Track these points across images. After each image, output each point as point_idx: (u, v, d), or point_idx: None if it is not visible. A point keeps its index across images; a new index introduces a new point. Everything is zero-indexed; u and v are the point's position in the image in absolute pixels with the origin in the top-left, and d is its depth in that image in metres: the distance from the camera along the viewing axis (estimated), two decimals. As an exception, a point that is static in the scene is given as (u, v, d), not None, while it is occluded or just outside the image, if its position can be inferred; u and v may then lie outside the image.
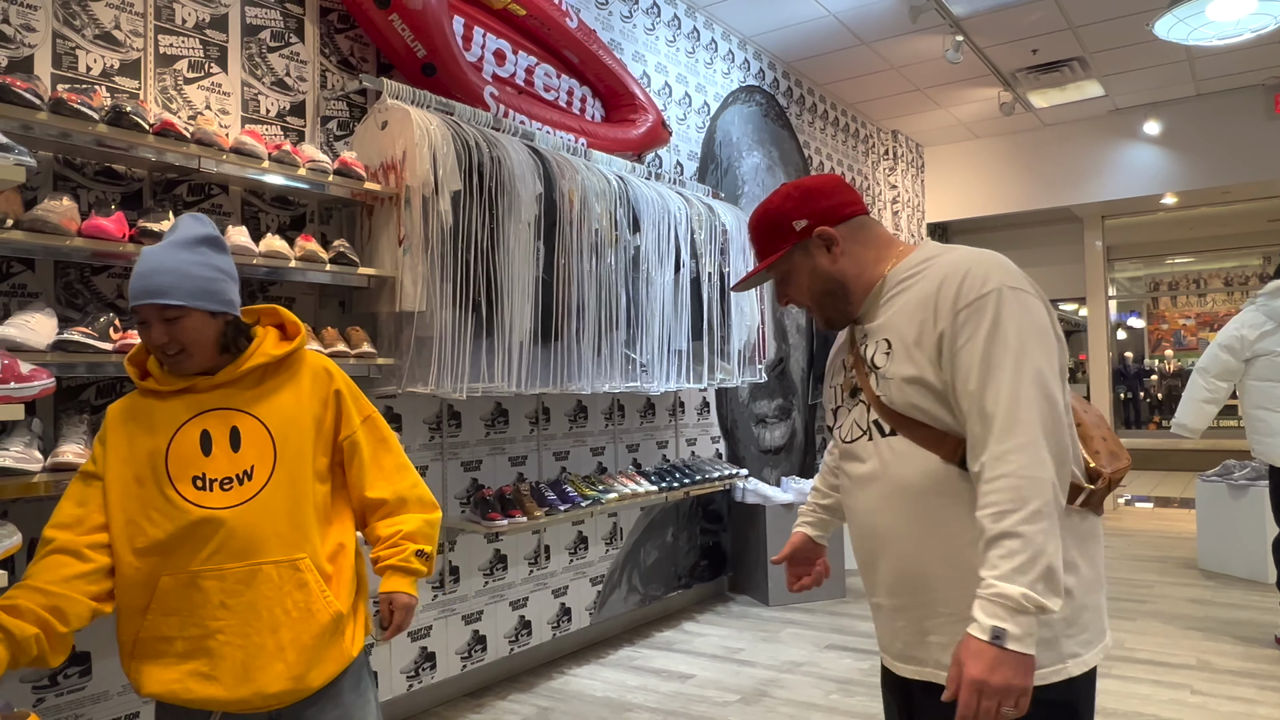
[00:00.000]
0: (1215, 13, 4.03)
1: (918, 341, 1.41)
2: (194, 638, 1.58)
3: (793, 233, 1.54)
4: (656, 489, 4.46)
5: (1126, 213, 9.52)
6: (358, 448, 1.75)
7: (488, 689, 3.89)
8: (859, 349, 1.54)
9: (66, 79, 2.64)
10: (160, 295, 1.56)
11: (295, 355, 1.75)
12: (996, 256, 1.43)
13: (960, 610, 1.39)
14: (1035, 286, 1.41)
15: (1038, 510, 1.27)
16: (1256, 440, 4.18)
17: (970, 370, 1.35)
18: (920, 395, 1.41)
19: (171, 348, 1.59)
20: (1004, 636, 1.25)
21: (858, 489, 1.53)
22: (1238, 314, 4.29)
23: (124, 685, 2.70)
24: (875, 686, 3.79)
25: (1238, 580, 5.55)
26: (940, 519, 1.41)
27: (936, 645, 1.44)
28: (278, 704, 1.59)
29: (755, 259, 1.63)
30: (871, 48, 6.29)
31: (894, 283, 1.50)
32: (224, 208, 3.03)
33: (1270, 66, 7.04)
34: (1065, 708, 1.39)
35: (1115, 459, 1.49)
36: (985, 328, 1.35)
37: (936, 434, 1.41)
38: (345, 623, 1.69)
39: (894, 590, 1.49)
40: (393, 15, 3.35)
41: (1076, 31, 6.17)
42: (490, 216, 3.32)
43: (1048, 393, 1.33)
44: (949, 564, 1.41)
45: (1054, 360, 1.37)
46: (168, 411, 1.64)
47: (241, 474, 1.60)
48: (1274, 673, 3.83)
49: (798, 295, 1.59)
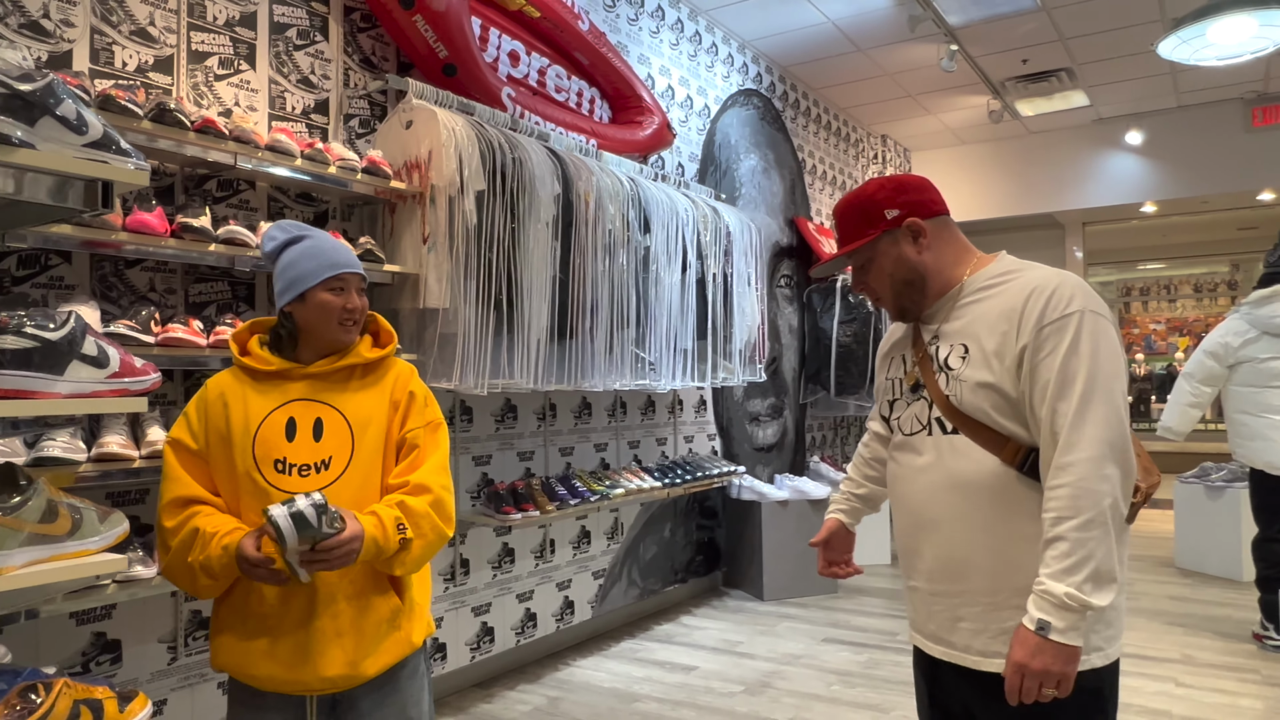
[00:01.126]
0: (1216, 35, 4.18)
1: (998, 351, 1.50)
2: (261, 616, 1.66)
3: (883, 220, 1.60)
4: (660, 485, 4.54)
5: (1107, 220, 9.75)
6: (414, 445, 1.80)
7: (496, 679, 3.96)
8: (927, 348, 1.62)
9: (104, 74, 2.67)
10: (359, 267, 1.81)
11: (385, 361, 1.85)
12: (1078, 279, 1.52)
13: (995, 601, 1.51)
14: (1110, 312, 1.51)
15: (1091, 519, 1.38)
16: (1238, 444, 4.34)
17: (1047, 384, 1.44)
18: (991, 401, 1.50)
19: (360, 314, 1.78)
20: (1047, 628, 1.38)
21: (911, 479, 1.62)
22: (1223, 321, 4.46)
23: (153, 672, 2.74)
24: (875, 679, 3.91)
25: (1214, 578, 5.74)
26: (990, 515, 1.51)
27: (967, 631, 1.55)
28: (333, 688, 1.67)
29: (839, 244, 1.69)
30: (867, 54, 6.42)
31: (972, 289, 1.59)
32: (251, 203, 3.07)
33: (1249, 81, 7.26)
34: (1094, 693, 1.51)
35: (1149, 474, 1.61)
36: (1066, 345, 1.44)
37: (999, 437, 1.50)
38: (403, 615, 1.76)
39: (934, 576, 1.60)
40: (416, 15, 3.41)
41: (1067, 43, 6.33)
42: (512, 216, 3.39)
43: (1117, 411, 1.43)
44: (992, 557, 1.52)
45: (1124, 383, 1.47)
46: (260, 395, 1.72)
47: (319, 463, 1.68)
48: (1253, 666, 3.99)
49: (878, 282, 1.65)
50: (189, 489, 1.65)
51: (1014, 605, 1.49)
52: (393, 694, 1.76)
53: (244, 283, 3.02)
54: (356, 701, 1.73)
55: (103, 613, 2.61)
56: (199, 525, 1.61)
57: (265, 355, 1.76)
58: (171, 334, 2.44)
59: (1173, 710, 3.49)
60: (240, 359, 1.76)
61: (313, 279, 1.73)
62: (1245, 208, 9.50)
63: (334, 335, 1.76)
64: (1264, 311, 4.22)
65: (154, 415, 2.51)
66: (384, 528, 1.65)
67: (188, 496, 1.65)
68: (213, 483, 1.69)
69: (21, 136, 1.17)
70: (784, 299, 6.53)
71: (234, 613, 1.68)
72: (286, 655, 1.64)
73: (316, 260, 1.75)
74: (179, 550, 1.60)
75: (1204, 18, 4.13)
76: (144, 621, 2.71)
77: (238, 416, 1.69)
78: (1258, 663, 4.04)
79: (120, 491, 2.64)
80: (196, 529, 1.60)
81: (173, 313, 2.76)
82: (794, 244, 6.70)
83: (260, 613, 1.65)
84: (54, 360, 1.28)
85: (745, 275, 5.01)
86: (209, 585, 1.63)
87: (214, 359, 2.61)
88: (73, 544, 1.33)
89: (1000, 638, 1.51)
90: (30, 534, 1.25)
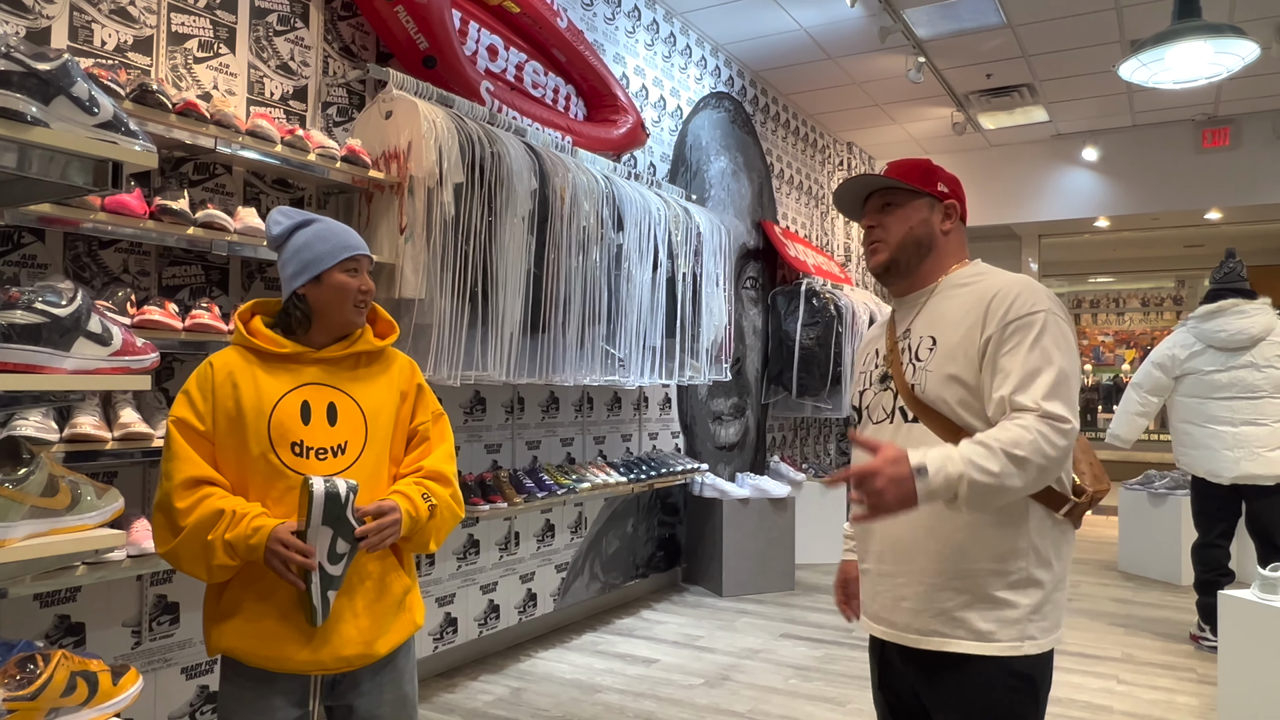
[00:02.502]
0: (1174, 60, 4.35)
1: (964, 344, 1.59)
2: (277, 597, 1.66)
3: (934, 188, 1.73)
4: (625, 480, 4.60)
5: (1061, 233, 10.01)
6: (424, 437, 1.88)
7: (459, 670, 3.98)
8: (899, 341, 1.72)
9: (82, 53, 2.65)
10: (369, 250, 1.84)
11: (388, 350, 1.89)
12: (1043, 285, 1.63)
13: (936, 583, 1.59)
14: (1070, 317, 1.61)
15: (1023, 458, 1.43)
16: (1181, 452, 4.52)
17: (1009, 375, 1.52)
18: (952, 392, 1.59)
19: (371, 295, 1.81)
20: (923, 473, 1.41)
21: None
22: (1170, 334, 4.64)
23: (116, 656, 2.72)
24: (831, 673, 4.00)
25: (1154, 582, 5.96)
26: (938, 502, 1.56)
27: (908, 610, 1.62)
28: (348, 666, 1.69)
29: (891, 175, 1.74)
30: (837, 62, 6.53)
31: (948, 285, 1.70)
32: (227, 187, 3.06)
33: (1200, 104, 7.53)
34: (1026, 679, 1.58)
35: (1098, 481, 1.70)
36: (1029, 341, 1.53)
37: (952, 426, 1.59)
38: (411, 596, 1.81)
39: (881, 556, 1.68)
40: (398, 6, 3.41)
41: (1029, 60, 6.51)
42: (489, 209, 3.41)
43: (1071, 402, 1.52)
44: (935, 541, 1.59)
45: (1078, 382, 1.57)
46: (271, 376, 1.72)
47: (336, 447, 1.70)
48: (1190, 665, 4.17)
49: (895, 226, 1.72)
50: (200, 469, 1.64)
51: (953, 588, 1.57)
52: (391, 672, 1.79)
53: (218, 267, 3.01)
54: (359, 679, 1.75)
55: (68, 595, 2.59)
56: (221, 505, 1.60)
57: (275, 337, 1.75)
58: (148, 316, 2.43)
59: (1114, 706, 3.63)
60: (249, 339, 1.75)
61: (329, 260, 1.75)
62: (1192, 226, 9.83)
63: (348, 317, 1.78)
64: (1209, 326, 4.39)
65: (126, 398, 2.50)
66: (412, 501, 1.73)
67: (200, 477, 1.63)
68: (216, 464, 1.68)
69: (36, 114, 1.19)
70: (749, 300, 6.62)
71: (245, 595, 1.66)
72: (304, 635, 1.65)
73: (330, 243, 1.77)
74: (195, 529, 1.58)
75: (1163, 42, 4.31)
76: (109, 605, 2.69)
77: (249, 397, 1.68)
78: (1194, 662, 4.22)
79: (89, 474, 2.61)
80: (220, 509, 1.59)
81: (146, 295, 2.74)
82: (760, 246, 6.80)
83: (277, 593, 1.66)
84: (61, 336, 1.29)
85: (714, 275, 5.08)
86: (224, 567, 1.61)
87: (189, 343, 2.60)
88: (71, 518, 1.34)
89: (940, 618, 1.58)
90: (32, 507, 1.26)
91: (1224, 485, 4.34)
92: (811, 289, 6.65)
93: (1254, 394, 4.27)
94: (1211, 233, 10.78)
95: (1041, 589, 1.57)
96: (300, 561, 1.58)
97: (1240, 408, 4.28)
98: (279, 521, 1.62)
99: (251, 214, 2.81)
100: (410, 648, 1.85)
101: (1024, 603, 1.55)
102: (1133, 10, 5.63)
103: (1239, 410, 4.28)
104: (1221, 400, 4.34)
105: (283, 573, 1.59)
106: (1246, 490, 4.30)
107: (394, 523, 1.68)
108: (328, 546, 1.60)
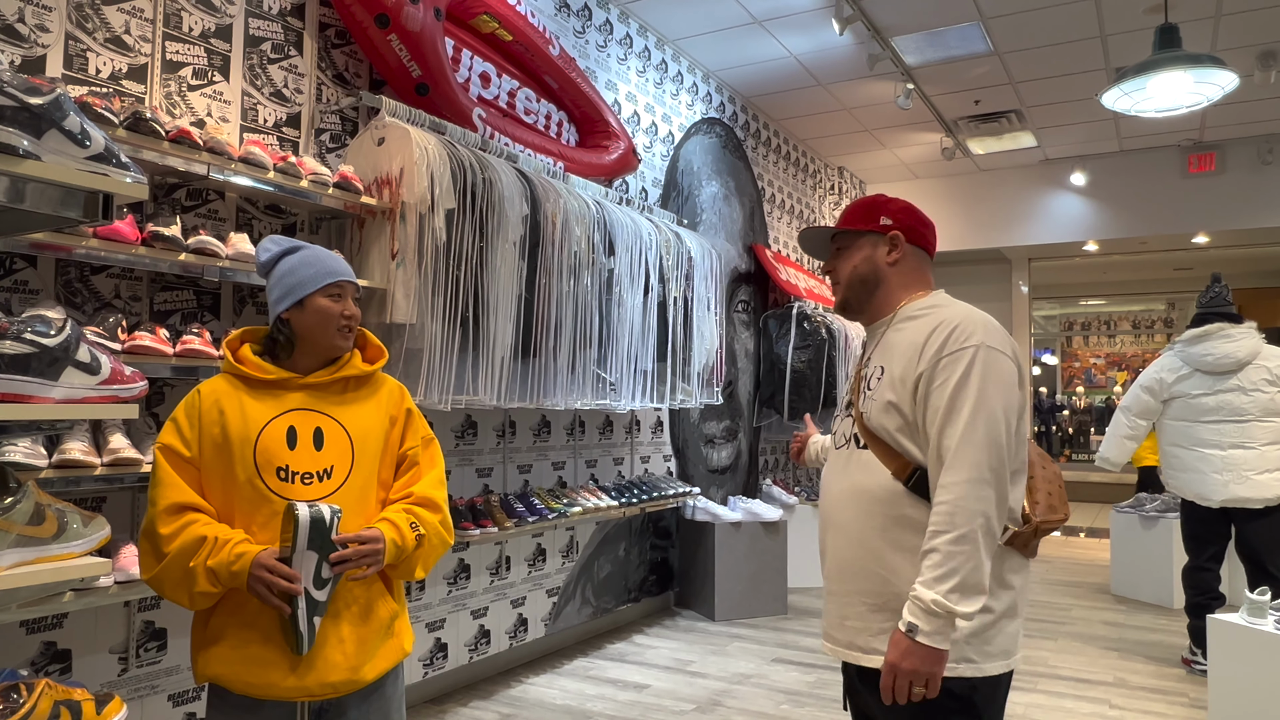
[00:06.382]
0: (1156, 89, 4.42)
1: (903, 375, 1.66)
2: (262, 623, 1.66)
3: (876, 223, 1.80)
4: (616, 504, 4.60)
5: (1051, 256, 10.09)
6: (414, 462, 1.87)
7: (449, 696, 3.95)
8: (863, 369, 1.79)
9: (77, 81, 2.68)
10: (355, 277, 1.87)
11: (375, 375, 1.89)
12: (987, 318, 1.67)
13: (875, 603, 1.65)
14: (1014, 348, 1.65)
15: (964, 534, 1.51)
16: (1171, 475, 4.54)
17: (937, 410, 1.59)
18: (891, 420, 1.66)
19: (356, 321, 1.82)
20: (915, 631, 1.51)
21: (828, 486, 1.80)
22: (1158, 358, 4.67)
23: (102, 683, 2.70)
24: (823, 698, 3.99)
25: (1146, 605, 5.96)
26: (878, 524, 1.66)
27: (852, 628, 1.69)
28: (334, 693, 1.68)
29: (838, 225, 1.88)
30: (827, 89, 6.61)
31: (902, 316, 1.75)
32: (219, 213, 3.08)
33: (1185, 130, 7.62)
34: (964, 701, 1.61)
35: (1052, 511, 1.73)
36: (956, 377, 1.58)
37: (893, 454, 1.66)
38: (399, 622, 1.80)
39: (831, 576, 1.76)
40: (391, 35, 3.45)
41: (1016, 86, 6.60)
42: (480, 235, 3.44)
43: (996, 438, 1.55)
44: (875, 562, 1.66)
45: (1011, 414, 1.59)
46: (258, 402, 1.73)
47: (322, 471, 1.70)
48: (1182, 690, 4.16)
49: (842, 269, 1.83)
50: (185, 495, 1.64)
51: (892, 609, 1.62)
52: (379, 699, 1.78)
53: (209, 292, 3.03)
54: (345, 706, 1.74)
55: (54, 621, 2.58)
56: (204, 532, 1.60)
57: (262, 363, 1.76)
58: (139, 342, 2.44)
59: (1106, 731, 3.63)
60: (236, 366, 1.76)
61: (312, 285, 1.77)
62: (1181, 249, 9.91)
63: (332, 341, 1.79)
64: (1196, 350, 4.43)
65: (115, 423, 2.50)
66: (399, 529, 1.73)
67: (184, 503, 1.63)
68: (203, 491, 1.68)
69: (28, 147, 1.20)
70: (741, 324, 6.65)
71: (230, 621, 1.66)
72: (289, 662, 1.64)
73: (315, 268, 1.79)
74: (178, 556, 1.59)
75: (1145, 72, 4.38)
76: (96, 631, 2.68)
77: (235, 424, 1.69)
78: (1186, 686, 4.21)
79: (78, 499, 2.61)
80: (203, 535, 1.60)
81: (137, 320, 2.75)
82: (752, 270, 6.84)
83: (261, 620, 1.65)
84: (49, 366, 1.30)
85: (705, 299, 5.11)
86: (206, 594, 1.61)
87: (180, 368, 2.61)
88: (57, 547, 1.34)
89: (880, 636, 1.63)
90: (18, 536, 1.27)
91: (1213, 508, 4.35)
92: (803, 312, 6.69)
93: (1241, 417, 4.29)
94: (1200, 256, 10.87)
95: (988, 613, 1.60)
96: (285, 587, 1.58)
97: (1228, 431, 4.31)
98: (262, 548, 1.62)
99: (243, 240, 2.83)
100: (398, 675, 1.85)
101: (963, 625, 1.57)
102: (1117, 39, 5.72)
103: (1227, 433, 4.31)
104: (1209, 424, 4.36)
105: (267, 598, 1.59)
106: (1236, 513, 4.32)
107: (375, 552, 1.67)
108: (313, 571, 1.60)
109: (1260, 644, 3.16)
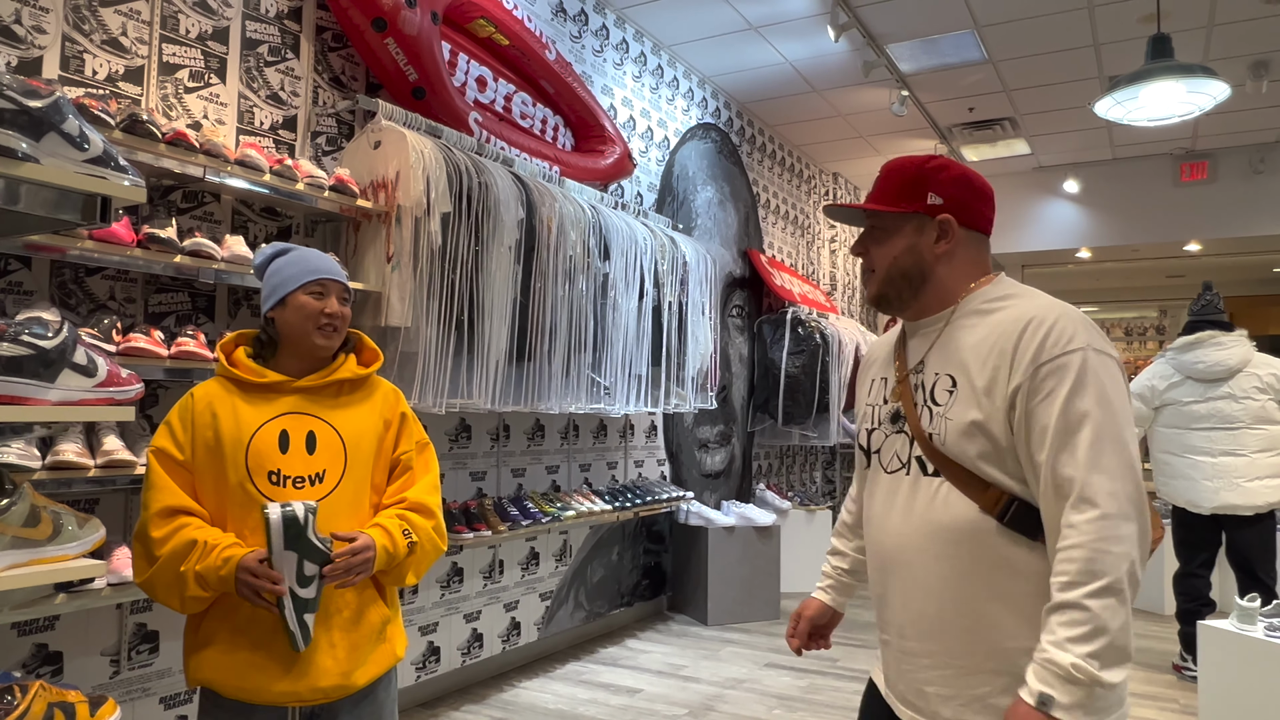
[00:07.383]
0: (1148, 98, 4.45)
1: (988, 389, 1.34)
2: (253, 628, 1.66)
3: (923, 201, 1.45)
4: (610, 508, 4.60)
5: (1044, 263, 10.13)
6: (408, 466, 1.87)
7: (441, 699, 3.95)
8: (911, 376, 1.46)
9: (73, 82, 2.67)
10: (342, 277, 1.84)
11: (370, 379, 1.89)
12: (1079, 312, 1.36)
13: (967, 665, 1.36)
14: (1115, 350, 1.34)
15: (1108, 585, 1.22)
16: (1162, 482, 4.56)
17: (1046, 432, 1.28)
18: (977, 444, 1.34)
19: (339, 320, 1.79)
20: (1050, 703, 1.20)
21: (884, 521, 1.47)
22: (1150, 365, 4.69)
23: (94, 685, 2.69)
24: (815, 703, 3.99)
25: (1137, 611, 5.98)
26: (967, 570, 1.35)
27: (935, 697, 1.39)
28: (325, 698, 1.68)
29: (869, 198, 1.51)
30: (822, 95, 6.63)
31: (965, 311, 1.43)
32: (215, 215, 3.08)
33: (1178, 139, 7.67)
34: None
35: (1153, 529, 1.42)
36: (1066, 390, 1.28)
37: (981, 483, 1.34)
38: (391, 627, 1.80)
39: (904, 632, 1.44)
40: (388, 39, 3.46)
41: (1011, 94, 6.63)
42: (476, 239, 3.44)
43: (1128, 462, 1.27)
44: (965, 615, 1.36)
45: (1134, 431, 1.32)
46: (250, 406, 1.73)
47: (314, 475, 1.70)
48: (1173, 696, 4.18)
49: (879, 258, 1.49)
50: (177, 499, 1.64)
51: (988, 670, 1.34)
52: (370, 704, 1.78)
53: (204, 294, 3.02)
54: (337, 711, 1.74)
55: (45, 624, 2.57)
56: (195, 536, 1.60)
57: (255, 367, 1.77)
58: (133, 344, 2.44)
59: (1097, 737, 3.63)
60: (229, 369, 1.77)
61: (294, 283, 1.76)
62: (1173, 257, 9.96)
63: (312, 340, 1.77)
64: (1188, 357, 4.45)
65: (109, 425, 2.50)
66: (391, 536, 1.72)
67: (176, 506, 1.63)
68: (196, 494, 1.69)
69: (27, 150, 1.21)
70: (735, 329, 6.66)
71: (221, 626, 1.66)
72: (280, 666, 1.64)
73: (298, 267, 1.79)
74: (169, 560, 1.59)
75: (1137, 82, 4.41)
76: (88, 634, 2.67)
77: (228, 427, 1.69)
78: (1177, 692, 4.23)
79: (71, 500, 2.61)
80: (193, 539, 1.60)
81: (132, 322, 2.75)
82: (746, 275, 6.85)
83: (252, 625, 1.65)
84: (46, 368, 1.30)
85: (700, 304, 5.12)
86: (197, 598, 1.61)
87: (175, 370, 2.61)
88: (53, 549, 1.34)
89: (972, 705, 1.35)
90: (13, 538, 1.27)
91: (1204, 515, 4.37)
92: (797, 317, 6.71)
93: (1232, 425, 4.32)
94: (1192, 264, 10.92)
95: None
96: (269, 588, 1.58)
97: (1219, 438, 4.33)
98: (248, 551, 1.62)
99: (239, 242, 2.83)
100: (390, 680, 1.85)
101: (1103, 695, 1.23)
102: (1110, 48, 5.75)
103: (1218, 441, 4.33)
104: (1200, 431, 4.38)
105: (254, 601, 1.60)
106: (1226, 520, 4.34)
107: (364, 560, 1.66)
108: (295, 570, 1.60)
109: (1250, 650, 3.18)
